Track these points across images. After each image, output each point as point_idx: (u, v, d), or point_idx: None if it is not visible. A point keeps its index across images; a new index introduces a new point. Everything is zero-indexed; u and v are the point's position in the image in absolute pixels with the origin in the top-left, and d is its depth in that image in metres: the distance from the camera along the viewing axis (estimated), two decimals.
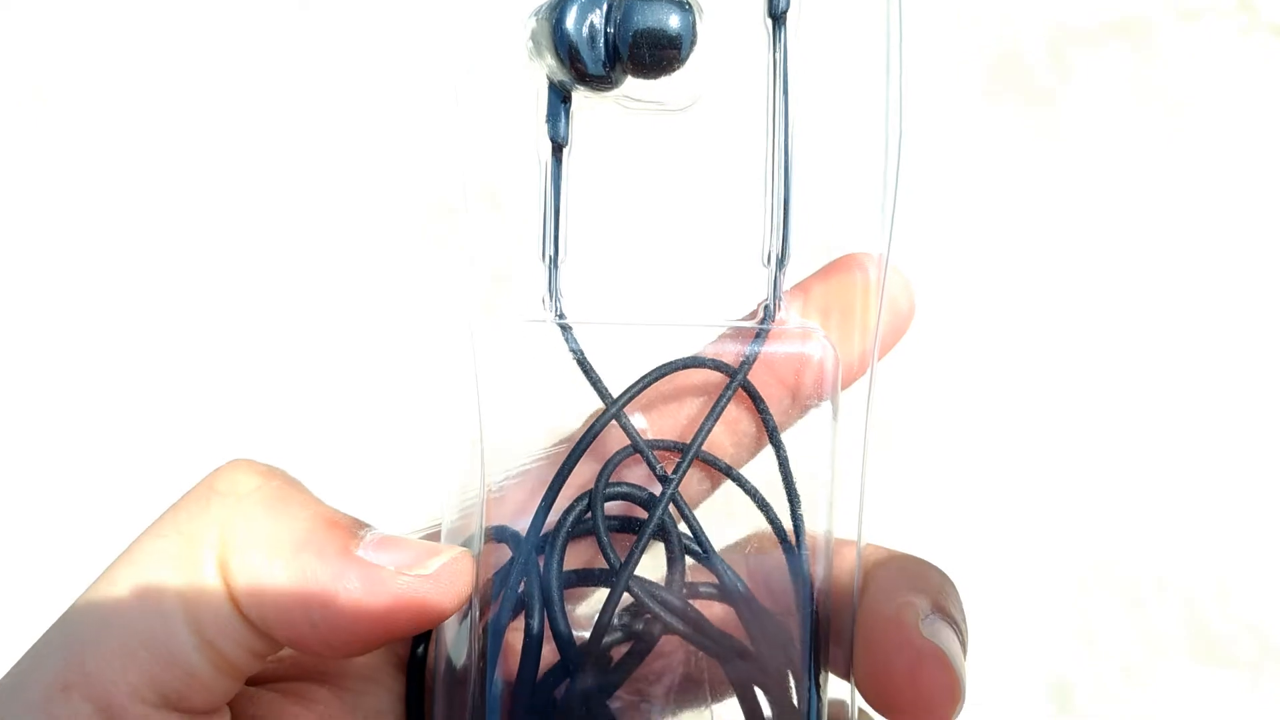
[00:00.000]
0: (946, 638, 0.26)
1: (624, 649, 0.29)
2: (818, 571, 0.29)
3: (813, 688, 0.29)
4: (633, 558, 0.27)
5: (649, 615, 0.28)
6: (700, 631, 0.28)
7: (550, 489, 0.28)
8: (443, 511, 0.30)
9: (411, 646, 0.30)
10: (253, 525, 0.26)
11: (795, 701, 0.29)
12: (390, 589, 0.26)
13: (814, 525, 0.29)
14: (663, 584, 0.28)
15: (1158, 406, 0.85)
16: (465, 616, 0.29)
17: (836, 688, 0.31)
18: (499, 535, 0.29)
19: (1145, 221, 0.86)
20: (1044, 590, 0.84)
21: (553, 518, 0.28)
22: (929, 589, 0.27)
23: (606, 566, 0.28)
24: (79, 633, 0.26)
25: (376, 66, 0.93)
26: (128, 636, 0.25)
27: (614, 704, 0.28)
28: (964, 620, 0.28)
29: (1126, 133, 0.87)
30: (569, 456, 0.28)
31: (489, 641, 0.28)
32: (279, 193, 0.92)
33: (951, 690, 0.26)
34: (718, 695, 0.31)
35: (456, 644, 0.30)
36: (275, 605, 0.26)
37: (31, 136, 0.98)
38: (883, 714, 0.27)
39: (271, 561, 0.26)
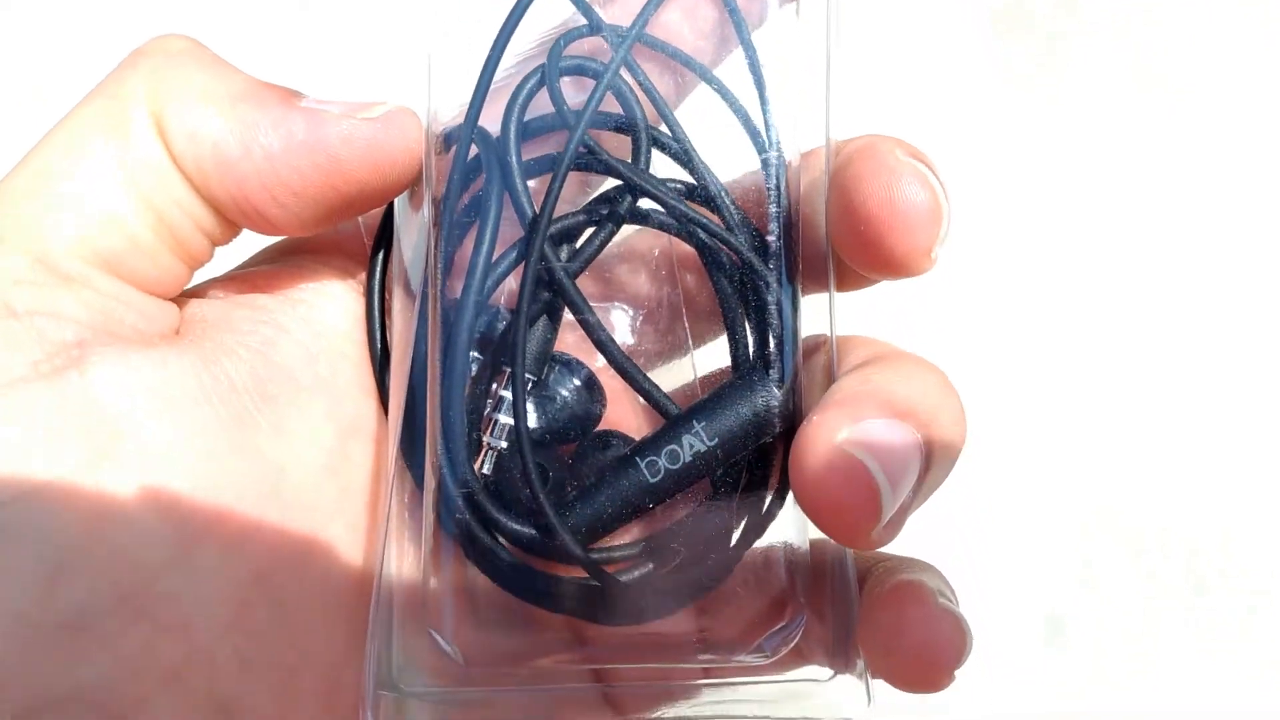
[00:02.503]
0: (924, 169, 0.25)
1: (589, 233, 0.27)
2: (790, 166, 0.28)
3: (787, 290, 0.27)
4: (589, 107, 0.26)
5: (614, 195, 0.27)
6: (674, 209, 0.27)
7: (491, 54, 0.27)
8: None
9: (370, 256, 0.29)
10: (186, 79, 0.25)
11: (773, 317, 0.27)
12: (338, 130, 0.25)
13: (781, 123, 0.28)
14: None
15: (1169, 362, 0.83)
16: (419, 221, 0.28)
17: (815, 324, 0.29)
18: (449, 137, 0.28)
19: (1151, 163, 0.86)
20: (1045, 533, 0.81)
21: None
22: (905, 146, 0.26)
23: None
24: (9, 191, 0.25)
25: (376, 67, 0.95)
26: (58, 192, 0.25)
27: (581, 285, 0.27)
28: (945, 185, 0.26)
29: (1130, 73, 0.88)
30: (506, 21, 0.27)
31: (443, 244, 0.27)
32: None
33: (932, 206, 0.25)
34: (693, 312, 0.29)
35: (414, 258, 0.28)
36: (215, 157, 0.25)
37: (32, 136, 0.99)
38: (863, 263, 0.26)
39: (207, 111, 0.25)
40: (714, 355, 0.30)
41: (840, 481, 0.23)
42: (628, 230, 0.30)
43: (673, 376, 0.30)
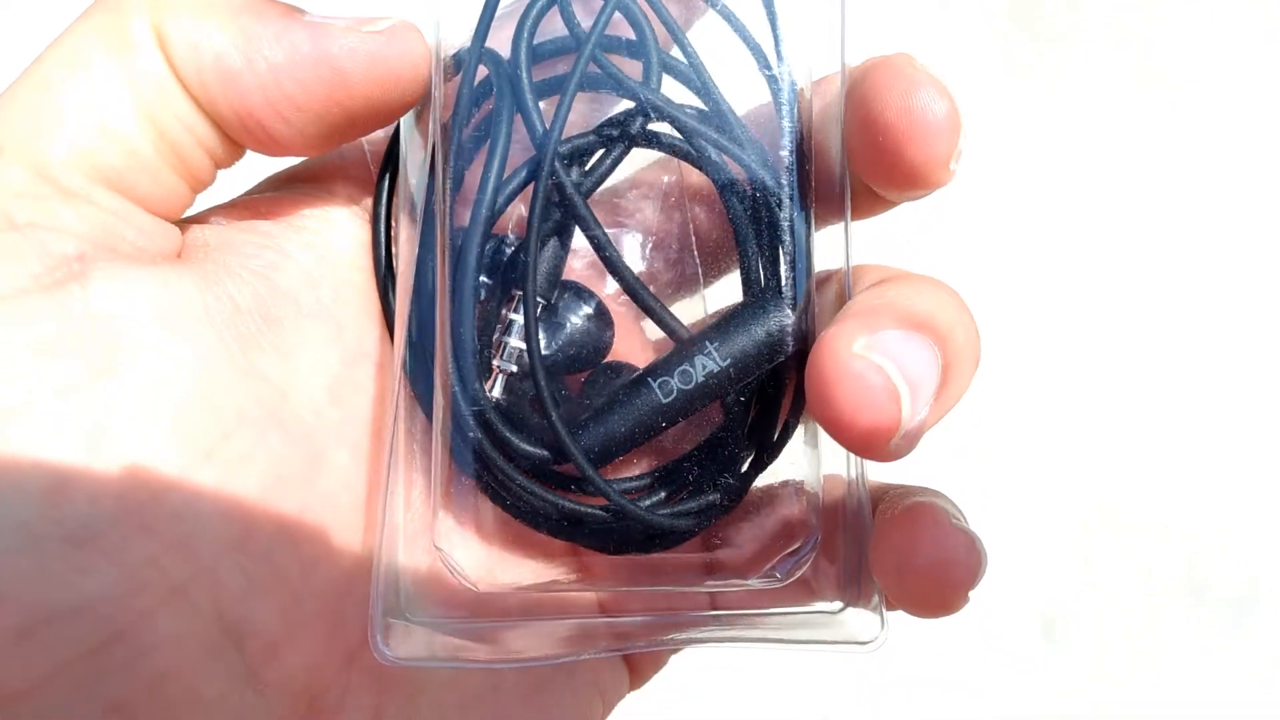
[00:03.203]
0: (941, 80, 0.25)
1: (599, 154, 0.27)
2: (802, 91, 0.27)
3: (800, 212, 0.27)
4: (599, 23, 0.26)
5: (624, 117, 0.27)
6: (684, 124, 0.26)
7: None
8: None
9: (376, 182, 0.29)
10: None
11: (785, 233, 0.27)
12: (342, 43, 0.25)
13: (792, 47, 0.28)
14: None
15: (1169, 359, 0.83)
16: (426, 147, 0.28)
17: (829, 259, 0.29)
18: (458, 60, 0.27)
19: (1152, 158, 0.86)
20: (1045, 530, 0.81)
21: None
22: (920, 61, 0.26)
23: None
24: (8, 104, 0.24)
25: None
26: (58, 105, 0.24)
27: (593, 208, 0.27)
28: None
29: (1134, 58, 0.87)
30: None
31: (452, 165, 0.27)
32: None
33: (951, 114, 0.24)
34: (704, 246, 0.29)
35: (421, 185, 0.28)
36: (218, 70, 0.25)
37: None
38: (881, 177, 0.26)
39: (209, 23, 0.25)
40: (725, 294, 0.30)
41: (859, 389, 0.23)
42: (638, 163, 0.30)
43: (684, 315, 0.30)
